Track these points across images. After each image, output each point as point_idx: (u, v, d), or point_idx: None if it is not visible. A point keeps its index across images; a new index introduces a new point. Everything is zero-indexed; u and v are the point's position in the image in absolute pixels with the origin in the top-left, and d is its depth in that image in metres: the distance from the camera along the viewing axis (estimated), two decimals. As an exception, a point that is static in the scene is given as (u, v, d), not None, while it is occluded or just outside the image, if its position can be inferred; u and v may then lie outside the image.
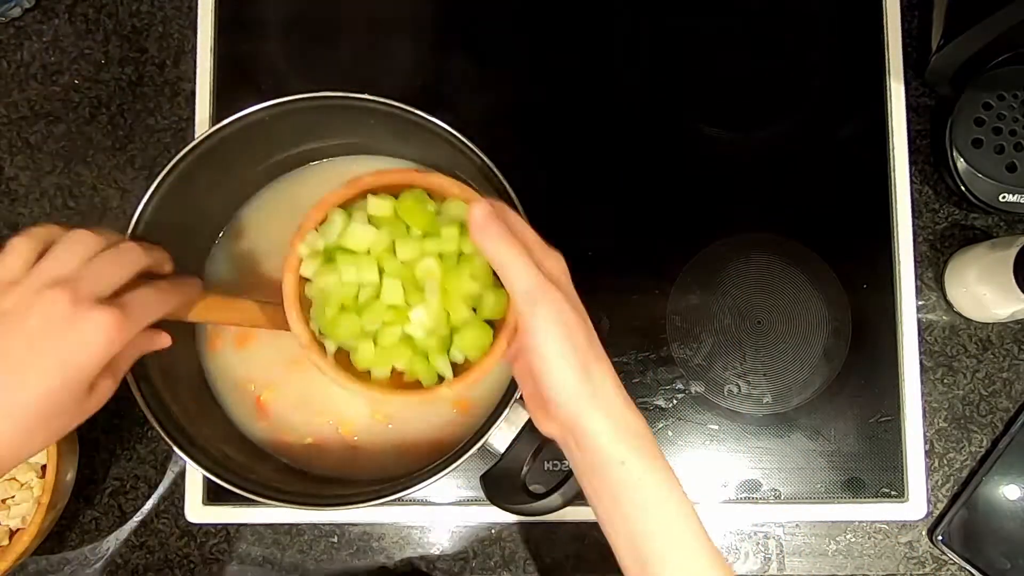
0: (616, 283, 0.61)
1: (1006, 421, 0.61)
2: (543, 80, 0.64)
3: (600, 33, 0.64)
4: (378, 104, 0.49)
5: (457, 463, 0.47)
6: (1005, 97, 0.60)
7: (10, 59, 0.64)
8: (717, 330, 0.61)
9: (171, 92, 0.64)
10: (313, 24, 0.64)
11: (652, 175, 0.63)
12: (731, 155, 0.63)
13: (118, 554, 0.61)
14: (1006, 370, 0.61)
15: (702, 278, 0.61)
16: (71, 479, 0.57)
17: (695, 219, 0.62)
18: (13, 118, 0.64)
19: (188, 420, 0.50)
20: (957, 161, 0.59)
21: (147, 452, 0.61)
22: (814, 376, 0.60)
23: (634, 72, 0.64)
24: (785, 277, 0.61)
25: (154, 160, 0.63)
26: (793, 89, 0.64)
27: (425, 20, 0.64)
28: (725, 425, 0.60)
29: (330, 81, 0.53)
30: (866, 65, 0.63)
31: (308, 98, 0.50)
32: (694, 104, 0.63)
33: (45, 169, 0.63)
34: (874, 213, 0.62)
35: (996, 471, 0.59)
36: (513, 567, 0.60)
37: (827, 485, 0.59)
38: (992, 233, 0.63)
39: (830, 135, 0.63)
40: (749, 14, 0.64)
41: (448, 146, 0.50)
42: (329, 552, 0.60)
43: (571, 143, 0.63)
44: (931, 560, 0.60)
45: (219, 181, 0.54)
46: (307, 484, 0.54)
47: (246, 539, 0.60)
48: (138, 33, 0.64)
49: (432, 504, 0.59)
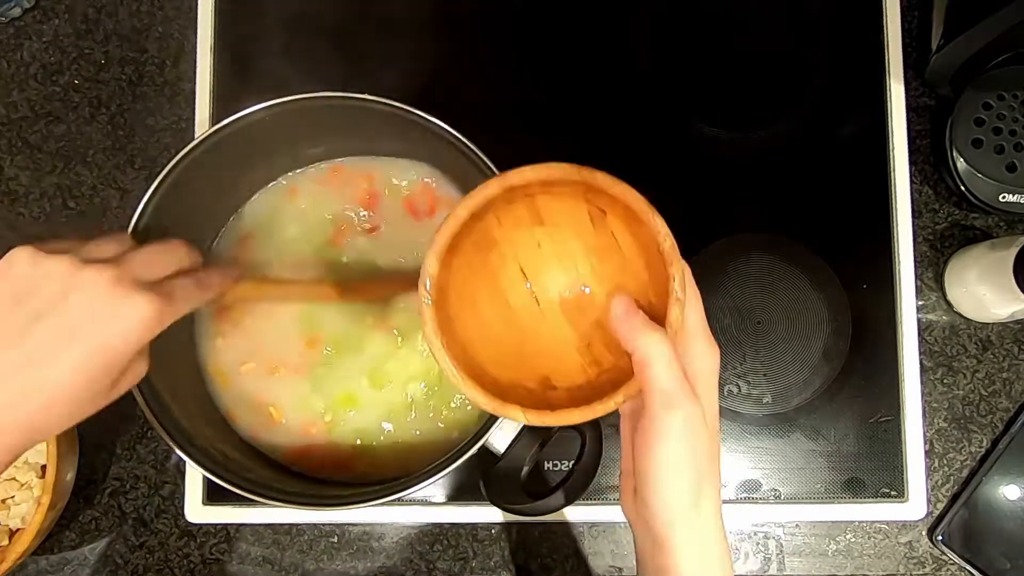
0: (616, 283, 0.61)
1: (1006, 421, 0.61)
2: (543, 80, 0.64)
3: (600, 33, 0.64)
4: (378, 104, 0.49)
5: (457, 463, 0.47)
6: (1005, 97, 0.60)
7: (10, 59, 0.64)
8: (717, 330, 0.61)
9: (171, 92, 0.64)
10: (313, 24, 0.64)
11: (652, 175, 0.62)
12: (731, 155, 0.63)
13: (118, 554, 0.61)
14: (1006, 370, 0.61)
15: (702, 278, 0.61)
16: (71, 479, 0.58)
17: (695, 219, 0.62)
18: (13, 118, 0.64)
19: (188, 420, 0.50)
20: (957, 161, 0.59)
21: (147, 452, 0.61)
22: (814, 376, 0.60)
23: (634, 72, 0.64)
24: (785, 277, 0.61)
25: (154, 160, 0.63)
26: (793, 89, 0.64)
27: (425, 20, 0.64)
28: (725, 425, 0.60)
29: (330, 81, 0.53)
30: (866, 65, 0.63)
31: (308, 98, 0.50)
32: (694, 104, 0.63)
33: (45, 169, 0.63)
34: (874, 213, 0.62)
35: (996, 471, 0.59)
36: (513, 567, 0.60)
37: (827, 485, 0.59)
38: (992, 233, 0.63)
39: (830, 135, 0.63)
40: (749, 14, 0.64)
41: (448, 146, 0.50)
42: (329, 552, 0.60)
43: (571, 143, 0.63)
44: (931, 560, 0.60)
45: (219, 181, 0.54)
46: (307, 484, 0.54)
47: (246, 539, 0.60)
48: (138, 33, 0.64)
49: (432, 504, 0.59)
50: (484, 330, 0.45)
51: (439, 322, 0.41)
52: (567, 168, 0.41)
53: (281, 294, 0.54)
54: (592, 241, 0.46)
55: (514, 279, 0.46)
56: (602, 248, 0.46)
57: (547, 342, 0.46)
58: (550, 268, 0.46)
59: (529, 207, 0.45)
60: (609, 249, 0.45)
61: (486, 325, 0.45)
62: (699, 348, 0.40)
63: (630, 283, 0.45)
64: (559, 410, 0.40)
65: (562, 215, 0.45)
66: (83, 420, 0.40)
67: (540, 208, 0.45)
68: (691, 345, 0.40)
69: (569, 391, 0.44)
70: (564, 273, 0.46)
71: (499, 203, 0.42)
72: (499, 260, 0.46)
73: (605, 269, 0.46)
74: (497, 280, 0.46)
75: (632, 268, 0.45)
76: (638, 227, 0.42)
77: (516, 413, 0.40)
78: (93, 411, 0.40)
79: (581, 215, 0.45)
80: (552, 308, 0.46)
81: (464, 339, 0.43)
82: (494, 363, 0.44)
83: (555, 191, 0.43)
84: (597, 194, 0.42)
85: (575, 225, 0.45)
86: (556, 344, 0.46)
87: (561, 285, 0.46)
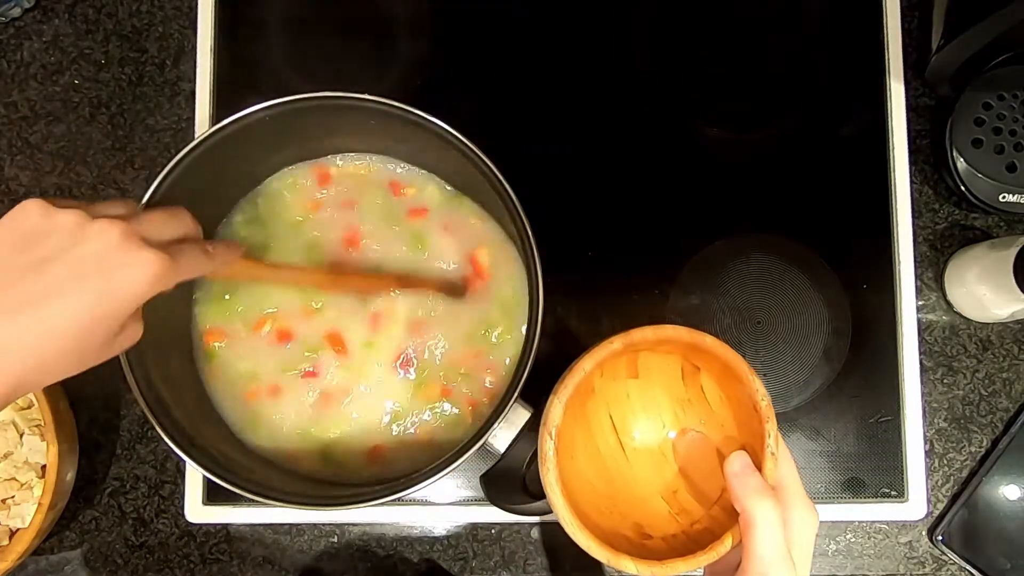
0: (616, 283, 0.61)
1: (1006, 421, 0.61)
2: (543, 80, 0.63)
3: (600, 33, 0.64)
4: (378, 104, 0.49)
5: (457, 463, 0.47)
6: (1005, 97, 0.60)
7: (10, 59, 0.64)
8: (717, 330, 0.61)
9: (171, 92, 0.64)
10: (313, 24, 0.64)
11: (652, 175, 0.63)
12: (731, 155, 0.63)
13: (118, 554, 0.61)
14: (1006, 370, 0.61)
15: (702, 278, 0.61)
16: (71, 479, 0.58)
17: (695, 219, 0.62)
18: (13, 118, 0.64)
19: (188, 420, 0.50)
20: (957, 161, 0.59)
21: (147, 452, 0.61)
22: (814, 376, 0.60)
23: (634, 72, 0.64)
24: (785, 277, 0.61)
25: (154, 160, 0.63)
26: (793, 89, 0.64)
27: (424, 20, 0.64)
28: (725, 425, 0.60)
29: (330, 81, 0.53)
30: (866, 65, 0.63)
31: (308, 98, 0.50)
32: (694, 104, 0.63)
33: (45, 169, 0.63)
34: (874, 213, 0.62)
35: (996, 471, 0.59)
36: (513, 567, 0.60)
37: (827, 485, 0.59)
38: (992, 233, 0.63)
39: (830, 135, 0.63)
40: (749, 14, 0.64)
41: (448, 146, 0.49)
42: (329, 552, 0.60)
43: (571, 143, 0.62)
44: (931, 560, 0.60)
45: (219, 181, 0.54)
46: (307, 484, 0.54)
47: (246, 539, 0.60)
48: (138, 33, 0.64)
49: (432, 504, 0.59)
50: (581, 477, 0.46)
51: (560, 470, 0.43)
52: (682, 331, 0.43)
53: (275, 276, 0.55)
54: (680, 393, 0.48)
55: (604, 426, 0.48)
56: (688, 400, 0.48)
57: (635, 489, 0.48)
58: (636, 417, 0.49)
59: (631, 361, 0.48)
60: (695, 402, 0.48)
61: (582, 471, 0.47)
62: (799, 513, 0.41)
63: (715, 435, 0.47)
64: (666, 561, 0.41)
65: (655, 368, 0.48)
66: (75, 375, 0.39)
67: (639, 362, 0.48)
68: (792, 507, 0.41)
69: (665, 540, 0.45)
70: (649, 422, 0.49)
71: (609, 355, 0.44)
72: (593, 407, 0.48)
73: (689, 420, 0.48)
74: (590, 427, 0.48)
75: (717, 420, 0.47)
76: (732, 384, 0.44)
77: (628, 564, 0.41)
78: (83, 367, 0.39)
79: (674, 369, 0.48)
80: (637, 456, 0.48)
81: (570, 486, 0.44)
82: (594, 510, 0.45)
83: (660, 348, 0.46)
84: (698, 353, 0.45)
85: (665, 377, 0.48)
86: (643, 491, 0.47)
87: (646, 434, 0.48)
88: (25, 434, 0.56)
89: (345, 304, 0.56)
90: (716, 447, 0.47)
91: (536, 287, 0.48)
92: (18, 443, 0.56)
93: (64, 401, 0.58)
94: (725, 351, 0.43)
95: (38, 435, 0.56)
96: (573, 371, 0.43)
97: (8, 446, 0.56)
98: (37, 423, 0.56)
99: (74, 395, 0.59)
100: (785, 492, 0.41)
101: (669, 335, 0.43)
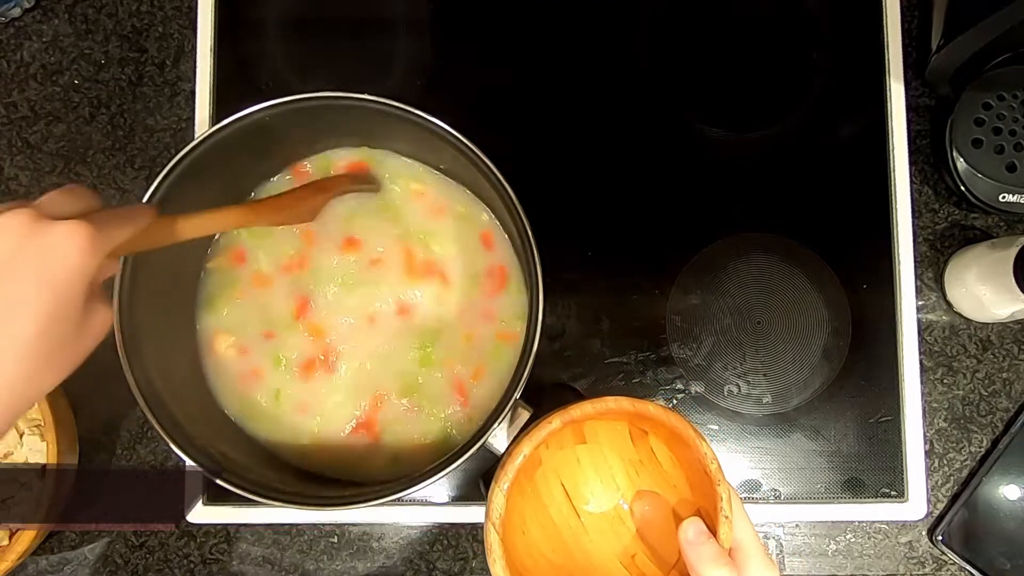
0: (616, 283, 0.61)
1: (1006, 421, 0.61)
2: (544, 81, 0.63)
3: (600, 33, 0.64)
4: (378, 104, 0.49)
5: (457, 463, 0.47)
6: (1005, 97, 0.60)
7: (10, 59, 0.64)
8: (717, 330, 0.61)
9: (171, 92, 0.64)
10: (313, 24, 0.64)
11: (652, 175, 0.63)
12: (731, 155, 0.63)
13: (118, 554, 0.61)
14: (1006, 370, 0.61)
15: (702, 278, 0.61)
16: (71, 479, 0.57)
17: (695, 219, 0.62)
18: (13, 118, 0.64)
19: (188, 420, 0.50)
20: (957, 161, 0.59)
21: (147, 452, 0.61)
22: (814, 376, 0.60)
23: (634, 72, 0.64)
24: (785, 277, 0.61)
25: (154, 160, 0.63)
26: (793, 89, 0.64)
27: (424, 20, 0.64)
28: (725, 425, 0.60)
29: (330, 81, 0.53)
30: (866, 65, 0.63)
31: (308, 98, 0.50)
32: (694, 104, 0.63)
33: (45, 169, 0.63)
34: (874, 213, 0.62)
35: (996, 471, 0.59)
36: (513, 567, 0.60)
37: (827, 485, 0.59)
38: (992, 233, 0.63)
39: (830, 135, 0.63)
40: (749, 14, 0.64)
41: (448, 146, 0.50)
42: (329, 552, 0.60)
43: (572, 143, 0.62)
44: (931, 560, 0.60)
45: (219, 181, 0.54)
46: (307, 484, 0.54)
47: (246, 539, 0.60)
48: (138, 33, 0.64)
49: (432, 504, 0.59)
50: (535, 551, 0.46)
51: (510, 549, 0.42)
52: (622, 401, 0.43)
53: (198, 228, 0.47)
54: (631, 455, 0.48)
55: (556, 495, 0.48)
56: (640, 462, 0.48)
57: (592, 557, 0.47)
58: (589, 482, 0.48)
59: (575, 430, 0.47)
60: (648, 462, 0.47)
61: (535, 545, 0.46)
62: (756, 573, 0.40)
63: (669, 495, 0.47)
64: None
65: (603, 432, 0.47)
66: (75, 375, 0.37)
67: (585, 428, 0.47)
68: (749, 568, 0.40)
69: None
70: (603, 486, 0.48)
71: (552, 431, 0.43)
72: (543, 478, 0.47)
73: (643, 482, 0.48)
74: (540, 498, 0.48)
75: (670, 482, 0.47)
76: (681, 448, 0.44)
77: None
78: (64, 367, 0.37)
79: (622, 432, 0.47)
80: (593, 521, 0.48)
81: (523, 564, 0.44)
82: None
83: (605, 418, 0.45)
84: (643, 419, 0.44)
85: (614, 441, 0.48)
86: (601, 558, 0.47)
87: (600, 498, 0.48)
88: (25, 434, 0.56)
89: (345, 304, 0.56)
90: (672, 508, 0.46)
91: (536, 287, 0.48)
92: (18, 443, 0.56)
93: (64, 401, 0.58)
94: (669, 417, 0.42)
95: (38, 435, 0.56)
96: (512, 456, 0.42)
97: (8, 446, 0.56)
98: (37, 423, 0.56)
99: (74, 395, 0.59)
100: (742, 553, 0.40)
101: (610, 407, 0.43)
